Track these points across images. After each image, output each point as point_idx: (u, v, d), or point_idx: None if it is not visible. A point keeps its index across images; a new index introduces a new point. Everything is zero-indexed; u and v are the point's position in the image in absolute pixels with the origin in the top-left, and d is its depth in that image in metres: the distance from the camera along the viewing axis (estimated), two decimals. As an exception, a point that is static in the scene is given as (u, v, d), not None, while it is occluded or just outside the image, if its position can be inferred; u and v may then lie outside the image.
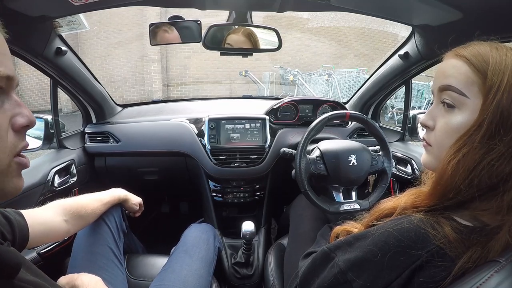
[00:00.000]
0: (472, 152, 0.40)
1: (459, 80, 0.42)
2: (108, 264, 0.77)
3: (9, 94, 0.35)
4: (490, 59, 0.40)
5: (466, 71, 0.41)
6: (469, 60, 0.41)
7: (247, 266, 1.13)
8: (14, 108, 0.35)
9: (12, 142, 0.35)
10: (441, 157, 0.44)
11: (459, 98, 0.42)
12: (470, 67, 0.41)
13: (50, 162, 1.07)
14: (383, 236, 0.43)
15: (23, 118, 0.36)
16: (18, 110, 0.36)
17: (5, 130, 0.34)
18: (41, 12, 0.78)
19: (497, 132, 0.39)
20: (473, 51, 0.42)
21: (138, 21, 5.95)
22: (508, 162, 0.39)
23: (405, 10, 0.82)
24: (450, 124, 0.43)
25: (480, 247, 0.39)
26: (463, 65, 0.42)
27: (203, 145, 1.22)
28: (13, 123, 0.35)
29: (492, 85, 0.39)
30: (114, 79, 6.27)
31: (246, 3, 0.86)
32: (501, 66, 0.39)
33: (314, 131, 0.95)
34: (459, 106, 0.42)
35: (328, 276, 0.47)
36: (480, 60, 0.40)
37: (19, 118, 0.36)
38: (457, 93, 0.42)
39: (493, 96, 0.39)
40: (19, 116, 0.36)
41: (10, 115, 0.35)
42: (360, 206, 0.95)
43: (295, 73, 5.60)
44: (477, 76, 0.40)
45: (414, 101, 5.03)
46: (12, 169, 0.36)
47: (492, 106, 0.38)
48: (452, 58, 0.44)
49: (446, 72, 0.44)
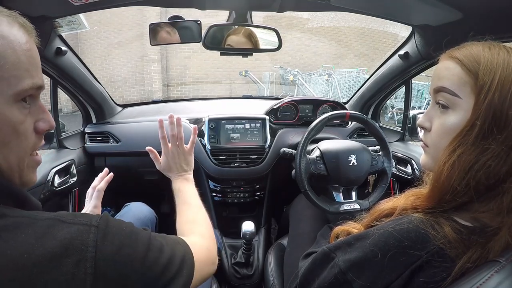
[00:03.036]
0: (466, 152, 0.40)
1: (452, 82, 0.42)
2: None
3: (36, 100, 0.39)
4: (481, 59, 0.40)
5: (458, 72, 0.42)
6: (461, 61, 0.42)
7: (247, 266, 1.13)
8: (39, 113, 0.40)
9: (33, 143, 0.39)
10: (437, 157, 0.44)
11: (453, 99, 0.42)
12: (462, 68, 0.41)
13: (50, 162, 1.07)
14: (383, 236, 0.43)
15: (45, 123, 0.40)
16: (42, 115, 0.40)
17: (31, 132, 0.38)
18: (41, 12, 0.78)
19: (491, 132, 0.39)
20: (465, 52, 0.42)
21: (138, 21, 5.95)
22: (504, 162, 0.38)
23: (405, 10, 0.82)
24: (445, 124, 0.43)
25: (480, 247, 0.38)
26: (455, 67, 0.42)
27: (203, 145, 1.22)
28: (37, 127, 0.39)
29: (483, 85, 0.39)
30: (114, 79, 6.27)
31: (246, 3, 0.86)
32: (492, 65, 0.39)
33: (314, 131, 0.95)
34: (453, 107, 0.42)
35: (328, 276, 0.47)
36: (471, 60, 0.41)
37: (41, 123, 0.40)
38: (450, 94, 0.42)
39: (484, 95, 0.39)
40: (42, 121, 0.40)
41: (35, 119, 0.39)
42: (360, 206, 0.95)
43: (295, 73, 5.60)
44: (469, 77, 0.40)
45: (414, 101, 5.03)
46: (30, 166, 0.40)
47: (484, 105, 0.39)
48: (446, 60, 0.44)
49: (440, 74, 0.44)
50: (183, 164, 0.74)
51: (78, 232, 0.34)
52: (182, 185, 0.71)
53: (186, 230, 0.59)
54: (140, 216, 0.93)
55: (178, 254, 0.44)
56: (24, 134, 0.37)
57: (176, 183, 0.72)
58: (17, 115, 0.36)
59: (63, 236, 0.33)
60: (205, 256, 0.51)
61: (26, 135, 0.37)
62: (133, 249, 0.38)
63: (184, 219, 0.63)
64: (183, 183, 0.72)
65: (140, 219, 0.92)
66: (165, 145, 0.73)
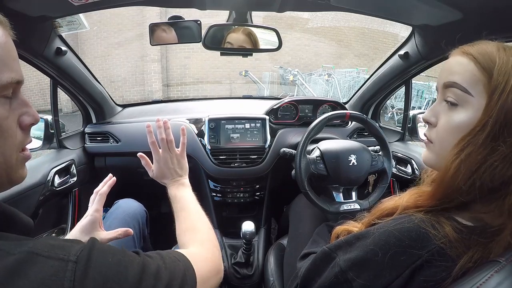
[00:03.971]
0: (475, 152, 0.39)
1: (464, 78, 0.41)
2: None
3: (17, 94, 0.38)
4: (497, 58, 0.39)
5: (472, 69, 0.41)
6: (475, 58, 0.41)
7: (247, 266, 1.12)
8: (22, 107, 0.38)
9: (20, 139, 0.38)
10: (442, 154, 0.43)
11: (463, 96, 0.41)
12: (476, 65, 0.40)
13: (50, 162, 1.07)
14: (384, 235, 0.43)
15: (29, 117, 0.39)
16: (25, 109, 0.38)
17: (15, 128, 0.37)
18: (41, 12, 0.78)
19: (501, 133, 0.38)
20: (480, 50, 0.41)
21: (138, 21, 5.95)
22: (510, 165, 0.38)
23: (405, 10, 0.82)
24: (452, 121, 0.43)
25: (481, 247, 0.38)
26: (469, 63, 0.41)
27: (203, 145, 1.22)
28: (21, 122, 0.38)
29: (498, 85, 0.38)
30: (114, 79, 6.27)
31: (246, 3, 0.86)
32: (508, 67, 0.39)
33: (314, 131, 0.95)
34: (463, 104, 0.42)
35: (329, 276, 0.47)
36: (486, 58, 0.40)
37: (26, 117, 0.38)
38: (462, 91, 0.41)
39: (498, 96, 0.38)
40: (26, 115, 0.38)
41: (18, 114, 0.38)
42: (360, 206, 0.95)
43: (295, 73, 5.60)
44: (483, 75, 0.40)
45: (414, 101, 5.04)
46: (19, 162, 0.39)
47: (497, 107, 0.38)
48: (458, 55, 0.43)
49: (452, 68, 0.43)
50: (177, 169, 0.70)
51: (53, 270, 0.30)
52: (178, 191, 0.67)
53: (186, 241, 0.56)
54: (130, 212, 0.92)
55: (178, 275, 0.40)
56: (8, 131, 0.36)
57: (172, 190, 0.68)
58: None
59: (35, 276, 0.29)
60: (208, 268, 0.49)
61: (10, 131, 0.36)
62: (120, 283, 0.33)
63: (184, 227, 0.60)
64: (179, 188, 0.68)
65: (130, 214, 0.91)
66: (156, 151, 0.70)
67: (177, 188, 0.68)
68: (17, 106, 0.38)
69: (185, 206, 0.64)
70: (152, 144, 0.69)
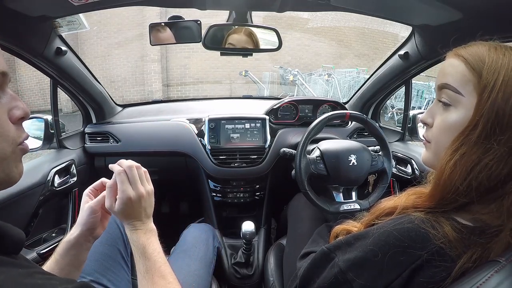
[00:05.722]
0: (469, 152, 0.40)
1: (455, 79, 0.42)
2: (114, 265, 0.76)
3: (4, 89, 0.37)
4: (486, 58, 0.40)
5: (462, 70, 0.42)
6: (466, 59, 0.42)
7: (247, 266, 1.13)
8: (11, 101, 0.38)
9: (13, 134, 0.38)
10: (439, 154, 0.44)
11: (455, 96, 0.42)
12: (467, 66, 0.41)
13: (50, 162, 1.07)
14: (383, 235, 0.43)
15: (19, 110, 0.38)
16: (14, 103, 0.38)
17: (7, 122, 0.37)
18: (41, 12, 0.78)
19: (493, 132, 0.39)
20: (471, 51, 0.42)
21: (138, 21, 5.95)
22: (505, 164, 0.38)
23: (405, 10, 0.82)
24: (446, 121, 0.44)
25: (480, 247, 0.38)
26: (460, 64, 0.42)
27: (203, 145, 1.22)
28: (11, 116, 0.37)
29: (487, 84, 0.39)
30: (114, 79, 6.27)
31: (246, 3, 0.86)
32: (497, 65, 0.39)
33: (314, 131, 0.95)
34: (455, 104, 0.43)
35: (328, 276, 0.47)
36: (476, 59, 0.41)
37: (15, 111, 0.38)
38: (453, 91, 0.43)
39: (487, 95, 0.39)
40: (15, 109, 0.38)
41: (7, 108, 0.37)
42: (360, 206, 0.95)
43: (295, 73, 5.60)
44: (473, 75, 0.41)
45: (414, 101, 5.04)
46: (16, 155, 0.38)
47: (487, 105, 0.39)
48: (451, 57, 0.44)
49: (445, 70, 0.45)
50: (148, 208, 0.56)
51: None
52: (147, 241, 0.53)
53: None
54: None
55: None
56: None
57: (138, 237, 0.53)
58: None
59: None
60: None
61: (1, 127, 0.36)
62: None
63: None
64: (148, 236, 0.54)
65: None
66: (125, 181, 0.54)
67: (146, 235, 0.54)
68: (6, 101, 0.37)
69: (161, 270, 0.50)
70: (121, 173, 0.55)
